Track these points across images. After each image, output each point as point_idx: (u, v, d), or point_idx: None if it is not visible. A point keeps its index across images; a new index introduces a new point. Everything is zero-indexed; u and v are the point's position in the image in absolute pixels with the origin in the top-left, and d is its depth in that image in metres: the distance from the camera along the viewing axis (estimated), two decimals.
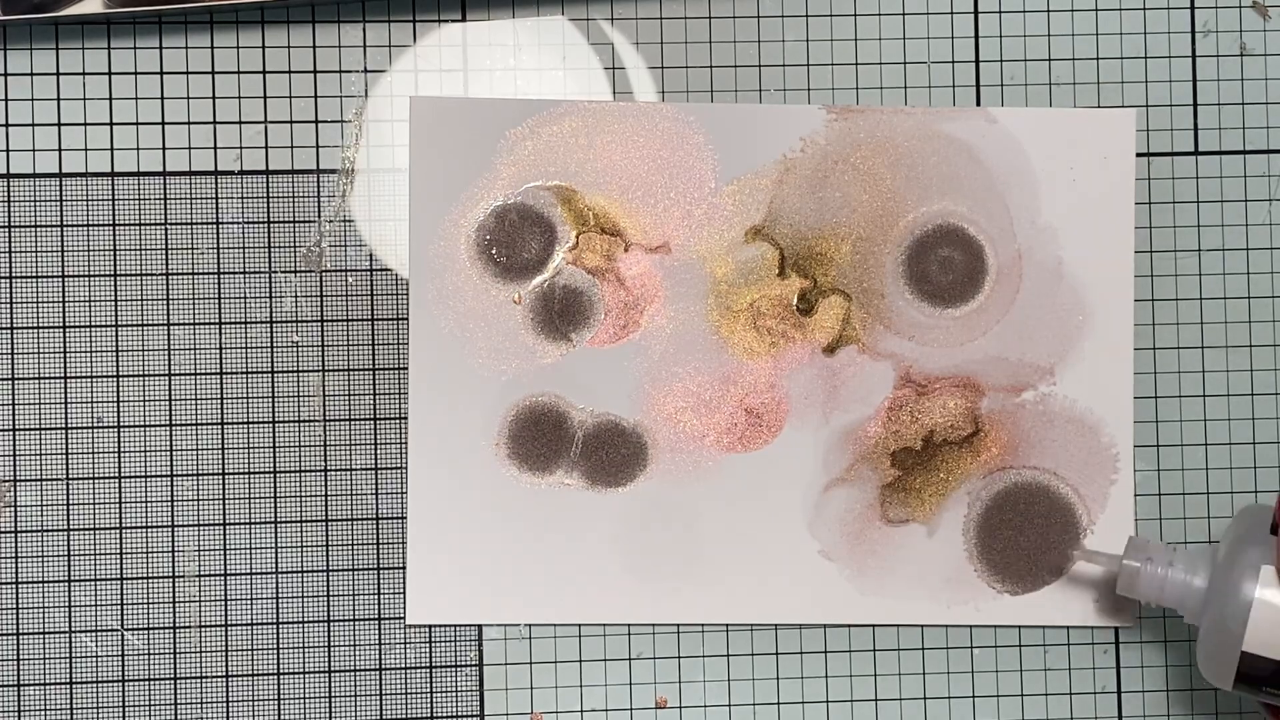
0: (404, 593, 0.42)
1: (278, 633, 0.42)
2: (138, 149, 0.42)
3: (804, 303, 0.42)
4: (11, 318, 0.41)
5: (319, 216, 0.42)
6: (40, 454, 0.41)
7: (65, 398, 0.41)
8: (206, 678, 0.41)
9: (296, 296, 0.42)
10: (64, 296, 0.41)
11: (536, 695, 0.42)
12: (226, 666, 0.42)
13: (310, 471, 0.42)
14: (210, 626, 0.42)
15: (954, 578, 0.42)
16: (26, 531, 0.41)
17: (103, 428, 0.41)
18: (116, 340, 0.41)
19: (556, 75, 0.42)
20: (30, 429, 0.41)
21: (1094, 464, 0.43)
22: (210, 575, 0.42)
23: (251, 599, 0.42)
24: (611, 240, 0.42)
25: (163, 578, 0.41)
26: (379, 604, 0.42)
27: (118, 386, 0.41)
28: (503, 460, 0.42)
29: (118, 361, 0.41)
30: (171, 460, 0.42)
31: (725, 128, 0.42)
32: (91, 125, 0.42)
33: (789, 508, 0.42)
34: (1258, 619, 0.36)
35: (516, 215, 0.42)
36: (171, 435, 0.42)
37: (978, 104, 0.43)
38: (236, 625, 0.42)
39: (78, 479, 0.41)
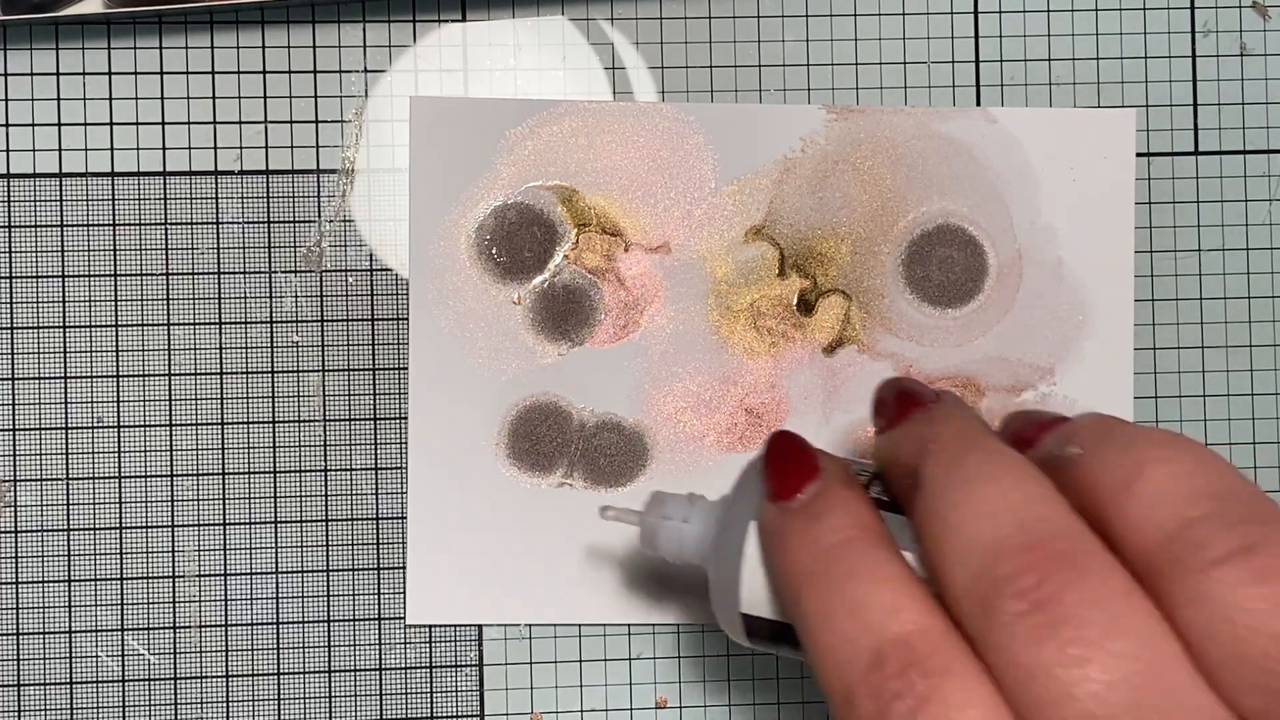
0: (404, 593, 0.42)
1: (278, 633, 0.42)
2: (138, 149, 0.42)
3: (804, 303, 0.42)
4: (11, 318, 0.41)
5: (319, 216, 0.42)
6: (40, 454, 0.41)
7: (65, 398, 0.41)
8: (206, 678, 0.41)
9: (296, 296, 0.42)
10: (64, 296, 0.41)
11: (536, 695, 0.42)
12: (226, 666, 0.42)
13: (310, 471, 0.42)
14: (210, 626, 0.42)
15: None
16: (26, 531, 0.41)
17: (103, 428, 0.41)
18: (116, 340, 0.41)
19: (556, 75, 0.42)
20: (30, 429, 0.41)
21: None
22: (210, 575, 0.42)
23: (251, 599, 0.42)
24: (611, 240, 0.42)
25: (163, 578, 0.41)
26: (379, 604, 0.42)
27: (118, 386, 0.41)
28: (503, 460, 0.42)
29: (118, 361, 0.41)
30: (171, 460, 0.42)
31: (725, 128, 0.42)
32: (91, 125, 0.42)
33: None
34: (749, 577, 0.32)
35: (516, 215, 0.42)
36: (171, 435, 0.42)
37: (978, 104, 0.43)
38: (236, 625, 0.42)
39: (78, 479, 0.41)
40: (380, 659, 0.42)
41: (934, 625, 0.27)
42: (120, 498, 0.41)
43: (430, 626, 0.42)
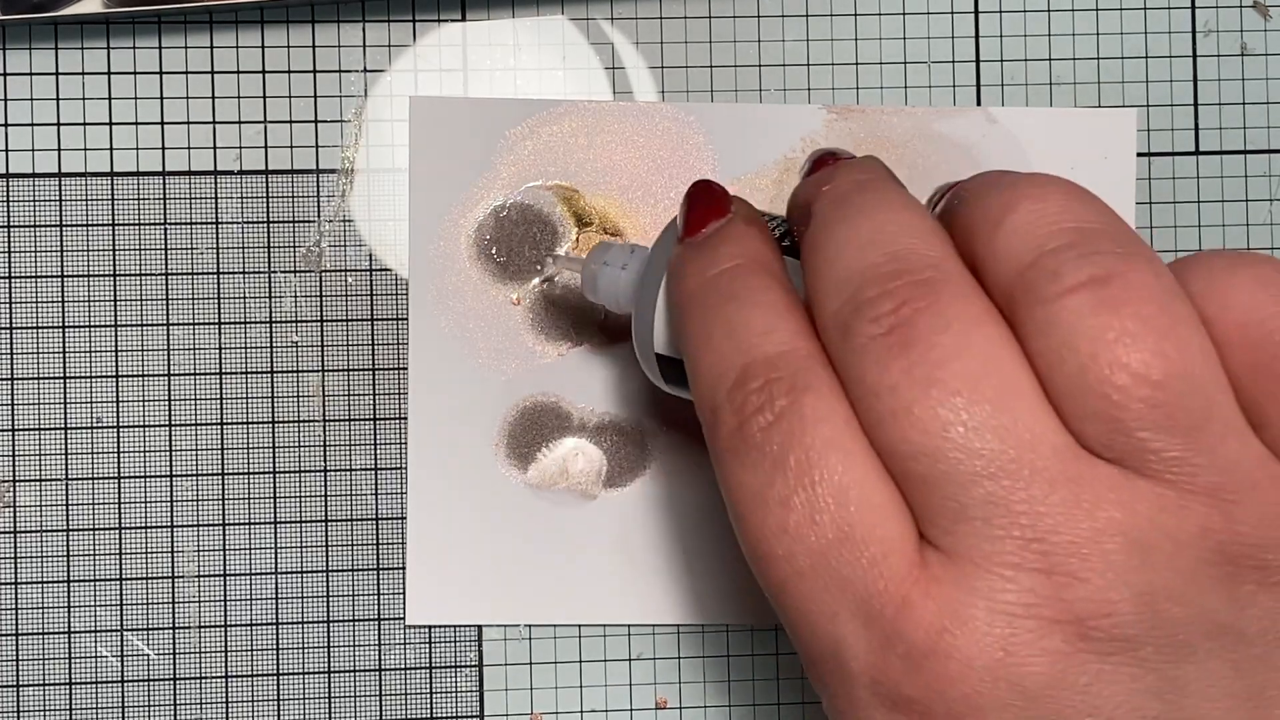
0: (404, 593, 0.42)
1: (278, 633, 0.42)
2: (137, 149, 0.42)
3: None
4: (11, 318, 0.41)
5: (319, 216, 0.42)
6: (40, 454, 0.41)
7: (65, 398, 0.41)
8: (206, 678, 0.42)
9: (296, 296, 0.42)
10: (64, 296, 0.41)
11: (536, 695, 0.42)
12: (226, 666, 0.42)
13: (310, 471, 0.42)
14: (210, 626, 0.42)
15: None
16: (26, 531, 0.41)
17: (103, 428, 0.41)
18: (116, 340, 0.41)
19: (556, 75, 0.42)
20: (30, 429, 0.41)
21: None
22: (210, 575, 0.42)
23: (251, 599, 0.42)
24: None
25: (163, 578, 0.42)
26: (379, 604, 0.42)
27: (118, 386, 0.41)
28: (502, 460, 0.42)
29: (118, 361, 0.41)
30: (171, 460, 0.42)
31: (725, 128, 0.42)
32: (91, 125, 0.42)
33: None
34: (660, 317, 0.33)
35: (516, 215, 0.42)
36: (171, 435, 0.42)
37: (978, 104, 0.43)
38: (236, 625, 0.42)
39: (78, 479, 0.41)
40: (380, 659, 0.42)
41: (802, 346, 0.27)
42: (120, 498, 0.41)
43: (430, 627, 0.42)
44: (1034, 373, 0.25)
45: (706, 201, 0.32)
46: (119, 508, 0.41)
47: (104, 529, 0.41)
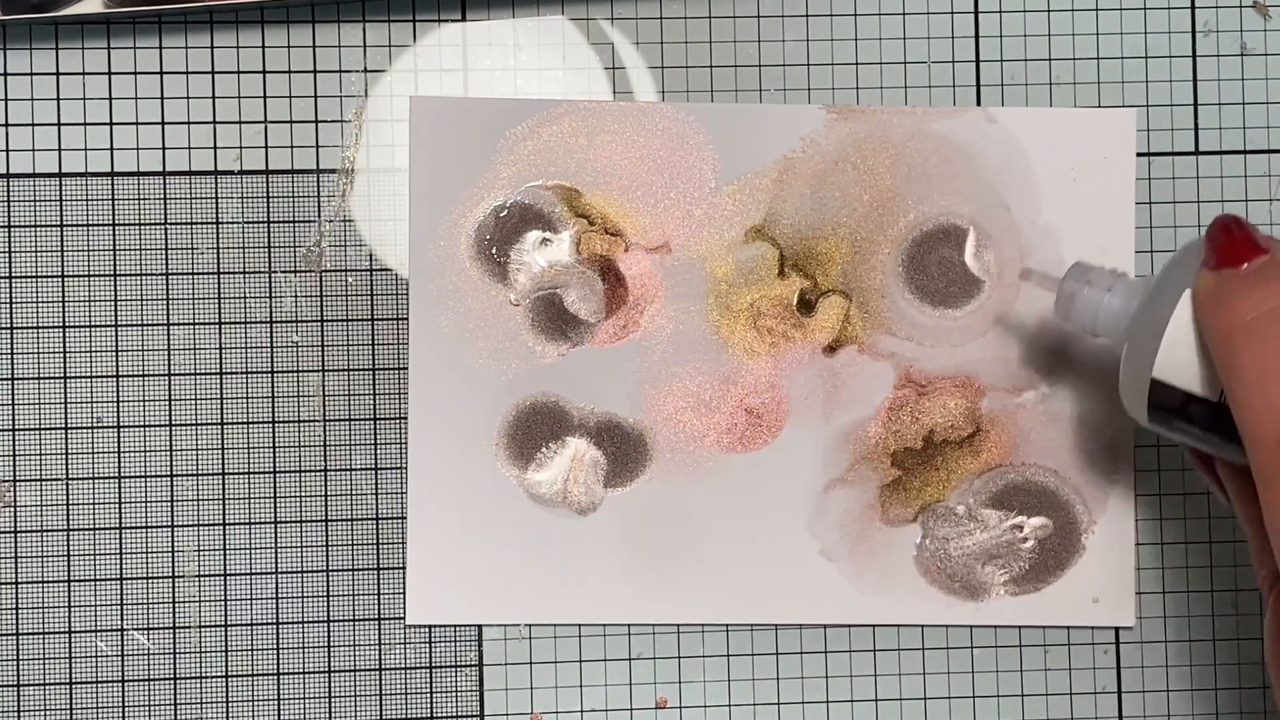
0: (404, 593, 0.42)
1: (278, 633, 0.42)
2: (137, 149, 0.42)
3: (804, 303, 0.42)
4: (11, 318, 0.41)
5: (319, 216, 0.42)
6: (40, 454, 0.41)
7: (65, 398, 0.41)
8: (206, 678, 0.42)
9: (296, 296, 0.42)
10: (64, 296, 0.41)
11: (536, 695, 0.42)
12: (226, 666, 0.42)
13: (310, 471, 0.42)
14: (210, 626, 0.42)
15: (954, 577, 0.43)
16: (26, 531, 0.41)
17: (103, 428, 0.41)
18: (116, 340, 0.41)
19: (556, 75, 0.42)
20: (30, 429, 0.41)
21: (1094, 464, 0.43)
22: (210, 575, 0.42)
23: (251, 599, 0.42)
24: (611, 240, 0.42)
25: (163, 578, 0.42)
26: (379, 604, 0.42)
27: (118, 386, 0.41)
28: (503, 460, 0.42)
29: (118, 361, 0.41)
30: (171, 460, 0.42)
31: (725, 128, 0.42)
32: (91, 125, 0.42)
33: (789, 508, 0.42)
34: (1169, 344, 0.34)
35: (516, 215, 0.42)
36: (171, 435, 0.42)
37: (978, 104, 0.43)
38: (236, 625, 0.42)
39: (78, 479, 0.41)
40: (380, 659, 0.42)
41: None
42: (120, 498, 0.41)
43: (430, 626, 0.42)
44: None
45: (1244, 236, 0.33)
46: (119, 508, 0.41)
47: (104, 529, 0.41)
